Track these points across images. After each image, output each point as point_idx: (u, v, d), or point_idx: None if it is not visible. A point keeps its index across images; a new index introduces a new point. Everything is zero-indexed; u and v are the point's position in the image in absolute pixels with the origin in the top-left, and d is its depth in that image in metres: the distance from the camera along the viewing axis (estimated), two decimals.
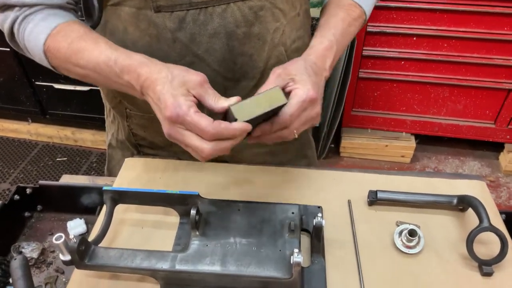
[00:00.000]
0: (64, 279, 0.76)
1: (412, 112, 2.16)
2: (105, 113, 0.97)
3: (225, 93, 0.78)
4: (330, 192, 0.77)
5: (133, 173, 0.81)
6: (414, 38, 1.93)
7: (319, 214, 0.61)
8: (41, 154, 2.38)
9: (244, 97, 0.60)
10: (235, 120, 0.57)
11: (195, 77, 0.60)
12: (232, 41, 0.72)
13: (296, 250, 0.55)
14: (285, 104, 0.60)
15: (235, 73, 0.76)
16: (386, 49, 1.97)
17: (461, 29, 1.87)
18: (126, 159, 0.85)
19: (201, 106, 0.59)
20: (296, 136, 0.64)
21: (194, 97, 0.59)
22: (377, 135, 2.21)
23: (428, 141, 2.32)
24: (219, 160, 0.88)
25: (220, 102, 0.60)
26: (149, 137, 0.89)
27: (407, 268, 0.65)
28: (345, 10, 0.77)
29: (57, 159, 2.34)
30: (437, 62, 1.98)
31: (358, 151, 2.25)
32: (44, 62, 0.71)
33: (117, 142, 0.96)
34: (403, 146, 2.19)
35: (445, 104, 2.11)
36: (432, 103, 2.12)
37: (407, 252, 0.66)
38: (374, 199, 0.73)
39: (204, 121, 0.56)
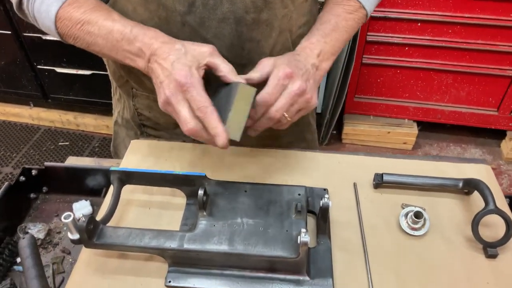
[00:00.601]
0: (70, 260, 0.77)
1: (415, 99, 2.16)
2: (112, 90, 0.97)
3: None
4: (336, 175, 0.77)
5: (138, 155, 0.81)
6: (419, 24, 1.91)
7: (326, 195, 0.61)
8: (43, 138, 2.38)
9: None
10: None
11: (205, 49, 0.63)
12: (241, 26, 0.72)
13: (303, 230, 0.55)
14: (257, 91, 0.62)
15: (242, 59, 0.76)
16: (390, 34, 1.96)
17: (466, 15, 1.85)
18: (132, 141, 0.85)
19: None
20: (289, 119, 0.66)
21: (207, 66, 0.63)
22: (380, 121, 2.21)
23: (431, 128, 2.32)
24: None
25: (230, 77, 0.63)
26: (153, 117, 0.89)
27: (412, 250, 0.65)
28: (341, 6, 0.77)
29: (60, 144, 2.34)
30: (441, 48, 1.96)
31: (360, 137, 2.25)
32: (51, 32, 0.71)
33: (122, 120, 0.96)
34: (406, 133, 2.19)
35: (448, 91, 2.11)
36: (435, 90, 2.11)
37: (413, 234, 0.67)
38: (379, 182, 0.73)
39: (204, 98, 0.59)
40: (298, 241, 0.57)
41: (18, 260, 0.78)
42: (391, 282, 0.61)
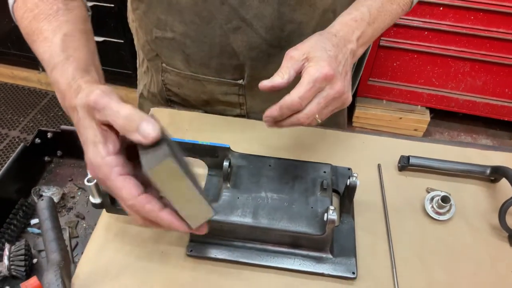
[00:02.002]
0: (84, 225, 0.77)
1: (429, 85, 2.12)
2: (138, 62, 0.95)
3: (268, 60, 0.76)
4: (360, 155, 0.75)
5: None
6: (441, 8, 1.86)
7: (355, 174, 0.60)
8: (51, 104, 2.36)
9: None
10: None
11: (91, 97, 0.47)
12: (283, 7, 0.68)
13: (332, 207, 0.54)
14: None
15: (281, 41, 0.73)
16: (410, 17, 1.91)
17: (490, 2, 1.80)
18: (152, 109, 0.83)
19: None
20: (320, 121, 0.56)
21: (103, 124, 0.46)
22: (392, 106, 2.18)
23: (442, 116, 2.29)
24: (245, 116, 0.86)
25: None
26: (182, 94, 0.87)
27: (436, 234, 0.64)
28: None
29: None
30: (461, 35, 1.92)
31: (371, 121, 2.23)
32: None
33: (148, 94, 0.94)
34: (417, 120, 2.16)
35: (464, 79, 2.07)
36: (451, 77, 2.07)
37: (437, 218, 0.66)
38: (405, 164, 0.71)
39: (126, 191, 0.45)
40: (325, 218, 0.56)
41: (32, 221, 0.78)
42: (414, 266, 0.60)
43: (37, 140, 0.83)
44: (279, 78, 0.55)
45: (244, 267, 0.59)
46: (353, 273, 0.58)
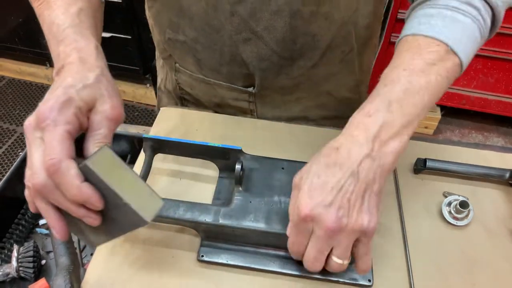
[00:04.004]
0: None
1: None
2: (156, 55, 0.93)
3: (279, 71, 0.74)
4: None
5: (169, 123, 0.78)
6: None
7: None
8: None
9: (298, 77, 0.52)
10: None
11: (108, 104, 0.47)
12: (296, 20, 0.64)
13: None
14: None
15: (293, 53, 0.70)
16: None
17: None
18: (162, 109, 0.82)
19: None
20: (345, 262, 0.48)
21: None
22: None
23: (453, 113, 2.26)
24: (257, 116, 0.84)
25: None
26: (195, 95, 0.86)
27: (453, 240, 0.62)
28: (416, 53, 0.50)
29: None
30: None
31: None
32: None
33: (165, 89, 0.93)
34: (428, 117, 2.13)
35: (476, 77, 2.04)
36: (463, 74, 2.02)
37: (455, 224, 0.64)
38: (422, 167, 0.69)
39: (59, 145, 0.40)
40: None
41: (41, 222, 0.77)
42: (431, 272, 0.59)
43: None
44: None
45: (257, 273, 0.58)
46: (369, 280, 0.56)
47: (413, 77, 0.48)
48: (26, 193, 0.45)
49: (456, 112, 2.24)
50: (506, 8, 0.56)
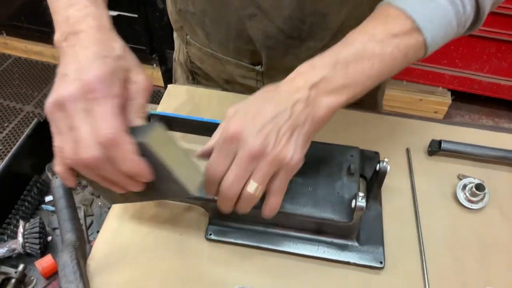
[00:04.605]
0: (99, 203, 0.75)
1: (452, 66, 2.04)
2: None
3: (287, 51, 0.71)
4: (387, 138, 0.71)
5: (176, 101, 0.76)
6: None
7: (386, 159, 0.56)
8: None
9: (306, 58, 0.48)
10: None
11: (141, 77, 0.46)
12: None
13: (361, 194, 0.51)
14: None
15: (302, 33, 0.67)
16: None
17: None
18: (169, 86, 0.80)
19: None
20: (260, 187, 0.46)
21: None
22: (412, 88, 2.11)
23: (463, 98, 2.22)
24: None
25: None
26: (205, 69, 0.84)
27: (468, 223, 0.61)
28: (381, 22, 0.50)
29: None
30: (489, 14, 1.83)
31: (390, 103, 2.17)
32: None
33: (178, 60, 0.92)
34: (438, 102, 2.09)
35: (489, 61, 1.99)
36: (475, 58, 1.99)
37: (470, 207, 0.62)
38: (436, 149, 0.67)
39: (113, 118, 0.40)
40: (353, 205, 0.52)
41: (47, 199, 0.77)
42: (444, 257, 0.57)
43: None
44: (210, 142, 0.50)
45: (265, 252, 0.57)
46: (381, 262, 0.55)
47: (369, 43, 0.48)
48: (60, 169, 0.43)
49: (467, 97, 2.20)
50: (491, 5, 0.54)
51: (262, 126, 0.45)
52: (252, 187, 0.45)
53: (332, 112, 0.48)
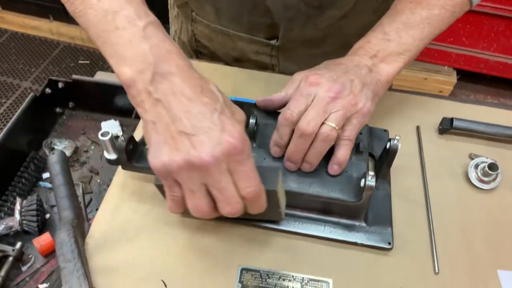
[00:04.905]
0: (98, 180, 0.73)
1: (459, 45, 2.00)
2: (169, 3, 0.87)
3: (306, 21, 0.68)
4: (397, 115, 0.69)
5: None
6: None
7: (397, 137, 0.54)
8: (63, 54, 2.30)
9: (326, 28, 0.53)
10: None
11: (241, 112, 0.45)
12: None
13: (371, 173, 0.48)
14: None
15: (323, 1, 0.64)
16: None
17: None
18: None
19: None
20: (337, 128, 0.49)
21: None
22: (418, 66, 2.07)
23: (469, 77, 2.18)
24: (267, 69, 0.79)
25: None
26: (212, 47, 0.80)
27: (479, 204, 0.59)
28: None
29: (80, 62, 2.25)
30: None
31: (394, 81, 2.09)
32: None
33: (179, 41, 0.87)
34: (443, 81, 2.06)
35: (497, 39, 1.94)
36: (483, 36, 1.94)
37: (482, 187, 0.60)
38: (447, 127, 0.65)
39: (257, 175, 0.42)
40: (362, 184, 0.50)
41: (44, 175, 0.74)
42: (455, 238, 0.55)
43: (48, 90, 0.79)
44: (278, 93, 0.55)
45: (270, 232, 0.55)
46: (389, 243, 0.53)
47: (416, 10, 0.54)
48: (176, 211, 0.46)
49: (472, 76, 2.16)
50: None
51: (338, 76, 0.51)
52: (329, 127, 0.49)
53: (392, 77, 0.55)
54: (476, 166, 0.61)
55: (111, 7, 0.41)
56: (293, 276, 0.51)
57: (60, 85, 0.79)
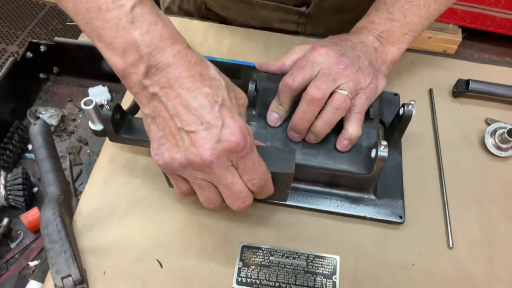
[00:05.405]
0: (88, 151, 0.68)
1: (465, 1, 1.91)
2: None
3: None
4: (408, 78, 0.63)
5: None
6: None
7: (412, 101, 0.49)
8: (50, 16, 2.19)
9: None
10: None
11: (244, 96, 0.43)
12: None
13: (384, 143, 0.44)
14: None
15: None
16: None
17: None
18: None
19: None
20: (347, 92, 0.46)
21: None
22: None
23: (474, 36, 2.10)
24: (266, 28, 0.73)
25: None
26: (226, 16, 0.73)
27: (496, 173, 0.55)
28: None
29: (67, 23, 2.15)
30: None
31: None
32: None
33: (179, 11, 0.79)
34: (448, 40, 1.98)
35: None
36: None
37: (499, 154, 0.56)
38: (462, 90, 0.60)
39: (264, 165, 0.41)
40: (372, 155, 0.46)
41: (30, 146, 0.70)
42: (470, 209, 0.52)
43: (29, 54, 0.72)
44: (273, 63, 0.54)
45: (273, 207, 0.51)
46: (400, 217, 0.49)
47: None
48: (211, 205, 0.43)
49: (477, 35, 2.08)
50: None
51: (346, 51, 0.49)
52: (343, 94, 0.46)
53: (397, 57, 0.53)
54: (494, 132, 0.56)
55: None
56: (297, 254, 0.48)
57: (42, 48, 0.73)
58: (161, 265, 0.47)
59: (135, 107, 0.54)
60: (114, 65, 0.37)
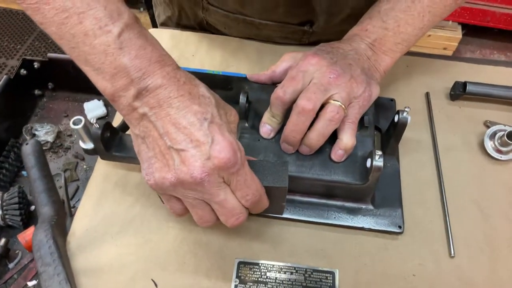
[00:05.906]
0: (85, 166, 0.68)
1: None
2: None
3: (351, 14, 0.61)
4: (403, 82, 0.62)
5: None
6: None
7: (407, 109, 0.48)
8: None
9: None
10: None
11: (235, 112, 0.44)
12: None
13: (378, 152, 0.43)
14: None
15: None
16: None
17: None
18: (150, 30, 0.69)
19: None
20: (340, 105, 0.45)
21: None
22: None
23: (475, 32, 2.08)
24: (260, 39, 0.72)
25: None
26: (228, 33, 0.71)
27: (497, 177, 0.54)
28: None
29: None
30: None
31: None
32: None
33: (177, 26, 0.77)
34: (448, 37, 1.96)
35: None
36: None
37: (499, 158, 0.55)
38: (460, 92, 0.59)
39: (257, 180, 0.41)
40: (368, 165, 0.45)
41: None
42: (471, 215, 0.51)
43: (23, 71, 0.72)
44: (263, 73, 0.54)
45: (268, 221, 0.50)
46: (400, 227, 0.48)
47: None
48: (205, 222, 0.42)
49: (477, 31, 2.06)
50: None
51: (338, 59, 0.48)
52: (336, 105, 0.45)
53: (390, 67, 0.52)
54: (493, 135, 0.55)
55: (75, 4, 0.35)
56: (295, 268, 0.47)
57: (36, 65, 0.73)
58: (156, 285, 0.46)
59: (125, 124, 0.53)
60: (102, 89, 0.37)
